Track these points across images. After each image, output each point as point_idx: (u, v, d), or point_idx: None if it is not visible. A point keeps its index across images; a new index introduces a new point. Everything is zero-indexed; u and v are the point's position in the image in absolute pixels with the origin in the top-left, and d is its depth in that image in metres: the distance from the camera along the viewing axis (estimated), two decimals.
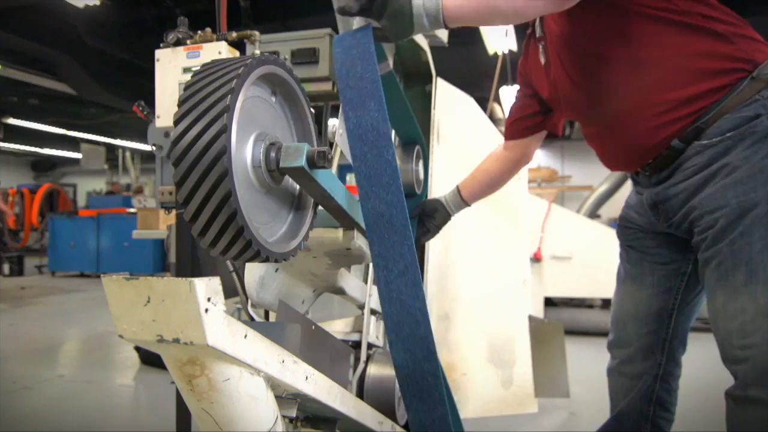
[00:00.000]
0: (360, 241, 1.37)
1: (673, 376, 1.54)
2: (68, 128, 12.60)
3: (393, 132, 1.86)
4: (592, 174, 10.27)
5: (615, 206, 6.94)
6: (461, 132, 2.23)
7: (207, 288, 0.77)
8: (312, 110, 1.14)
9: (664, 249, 1.44)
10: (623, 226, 1.54)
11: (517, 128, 1.64)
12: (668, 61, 1.23)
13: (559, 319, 3.65)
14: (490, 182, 1.73)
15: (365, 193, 1.16)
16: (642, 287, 1.50)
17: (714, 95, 1.19)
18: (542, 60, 1.50)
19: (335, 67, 1.19)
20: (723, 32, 1.21)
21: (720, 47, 1.20)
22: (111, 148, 14.35)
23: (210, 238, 0.89)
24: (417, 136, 1.82)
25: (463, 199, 1.68)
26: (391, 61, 1.59)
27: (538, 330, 2.52)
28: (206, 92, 0.88)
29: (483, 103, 4.26)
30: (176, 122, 0.87)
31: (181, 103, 0.88)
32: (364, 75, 1.16)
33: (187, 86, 0.90)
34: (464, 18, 1.16)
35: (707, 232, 1.21)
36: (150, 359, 3.69)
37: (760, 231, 1.15)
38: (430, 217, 1.67)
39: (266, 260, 0.98)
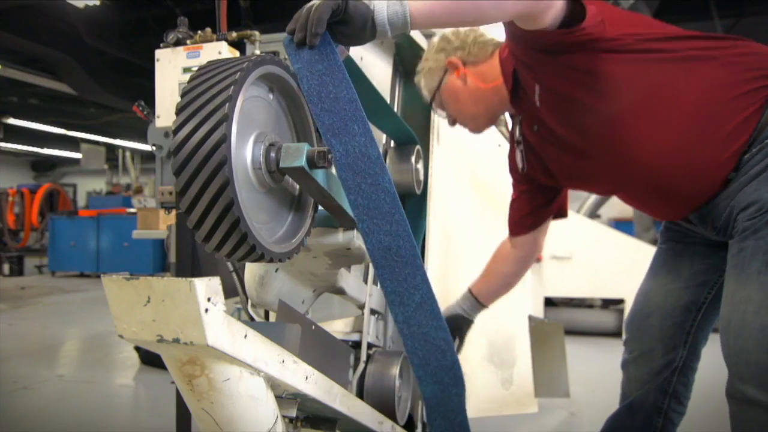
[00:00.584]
0: (360, 241, 1.37)
1: (691, 369, 1.52)
2: (68, 128, 12.60)
3: (384, 136, 1.86)
4: None
5: (615, 206, 6.95)
6: (461, 132, 2.23)
7: (207, 288, 0.77)
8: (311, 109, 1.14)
9: (710, 248, 1.41)
10: (670, 229, 1.51)
11: (523, 225, 1.59)
12: (699, 101, 1.18)
13: (559, 319, 3.65)
14: (505, 283, 1.71)
15: (367, 228, 1.08)
16: (676, 279, 1.47)
17: (755, 118, 1.16)
18: (519, 164, 1.51)
19: (301, 86, 1.04)
20: (727, 55, 1.20)
21: (736, 70, 1.19)
22: (111, 148, 14.34)
23: (215, 243, 0.89)
24: (413, 137, 1.82)
25: (481, 303, 1.68)
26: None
27: (538, 330, 2.52)
28: (206, 90, 0.88)
29: None
30: (176, 126, 0.87)
31: (182, 101, 0.88)
32: (339, 95, 1.03)
33: (189, 82, 0.90)
34: (433, 20, 1.08)
35: (739, 224, 1.19)
36: (150, 359, 3.69)
37: None
38: (458, 330, 1.65)
39: (266, 260, 0.98)
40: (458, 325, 1.65)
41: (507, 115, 1.62)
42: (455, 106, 1.46)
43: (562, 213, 1.62)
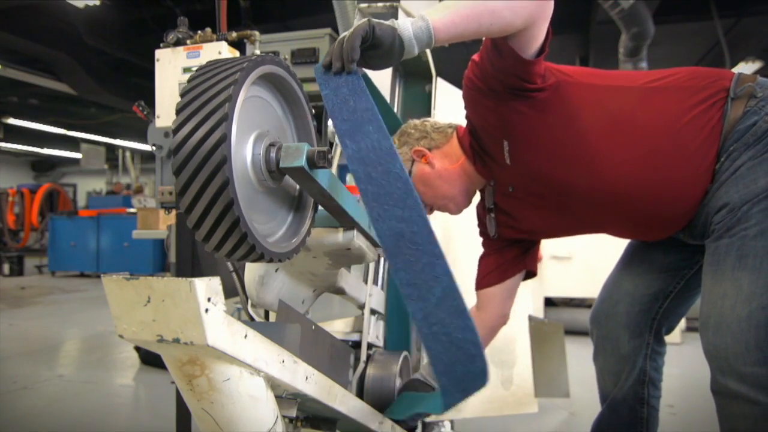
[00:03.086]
0: (360, 241, 1.37)
1: (659, 354, 1.57)
2: (68, 128, 12.60)
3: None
4: None
5: None
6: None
7: (207, 288, 0.77)
8: (312, 110, 1.14)
9: (684, 242, 1.45)
10: None
11: (492, 278, 1.56)
12: (658, 127, 1.25)
13: (559, 319, 3.65)
14: None
15: (377, 215, 1.01)
16: (650, 269, 1.51)
17: (716, 132, 1.22)
18: (491, 232, 1.53)
19: (327, 107, 1.08)
20: (675, 83, 1.27)
21: (685, 95, 1.25)
22: (111, 148, 14.35)
23: (215, 243, 0.89)
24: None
25: None
26: None
27: (538, 330, 2.52)
28: (207, 88, 0.88)
29: None
30: (176, 125, 0.87)
31: (181, 101, 0.88)
32: (357, 107, 1.06)
33: (190, 81, 0.90)
34: (456, 32, 1.12)
35: (713, 226, 1.24)
36: (150, 359, 3.69)
37: (757, 218, 1.17)
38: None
39: (266, 260, 0.98)
40: (414, 389, 1.56)
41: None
42: (430, 192, 1.47)
43: (531, 273, 1.61)
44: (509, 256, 1.55)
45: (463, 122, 1.49)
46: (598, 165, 1.27)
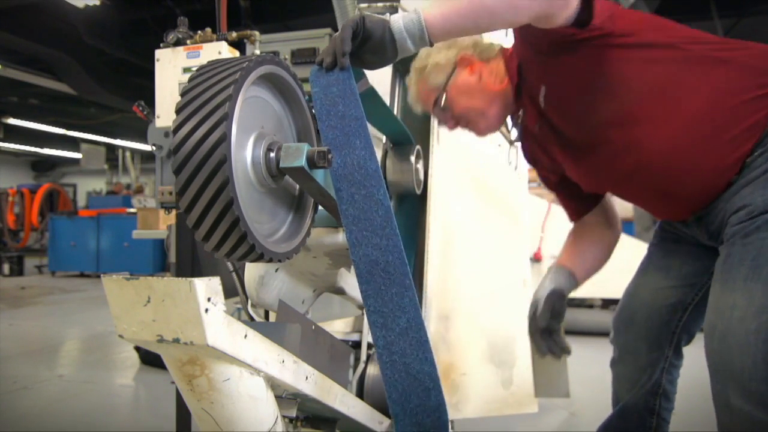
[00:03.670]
0: None
1: (675, 367, 1.54)
2: (68, 128, 12.61)
3: (384, 138, 1.86)
4: None
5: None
6: (461, 132, 2.23)
7: (207, 288, 0.77)
8: (312, 110, 1.14)
9: (701, 250, 1.40)
10: (665, 229, 1.51)
11: (582, 208, 1.55)
12: (705, 104, 1.17)
13: None
14: (598, 262, 1.61)
15: (355, 239, 1.02)
16: (666, 278, 1.47)
17: (763, 123, 1.15)
18: (528, 156, 1.52)
19: (315, 108, 1.08)
20: (741, 57, 1.19)
21: (749, 73, 1.17)
22: (111, 148, 14.36)
23: (214, 243, 0.89)
24: (407, 138, 1.82)
25: (578, 282, 1.57)
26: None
27: None
28: (207, 88, 0.88)
29: None
30: (176, 125, 0.87)
31: (181, 100, 0.88)
32: (346, 113, 1.06)
33: (190, 80, 0.90)
34: (450, 29, 1.09)
35: (729, 228, 1.18)
36: (150, 359, 3.69)
37: None
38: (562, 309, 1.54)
39: (266, 260, 0.98)
40: (562, 299, 1.52)
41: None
42: (466, 103, 1.40)
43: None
44: (575, 189, 1.50)
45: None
46: (634, 131, 1.21)
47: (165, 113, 1.71)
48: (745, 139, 1.15)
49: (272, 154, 0.98)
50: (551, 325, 1.46)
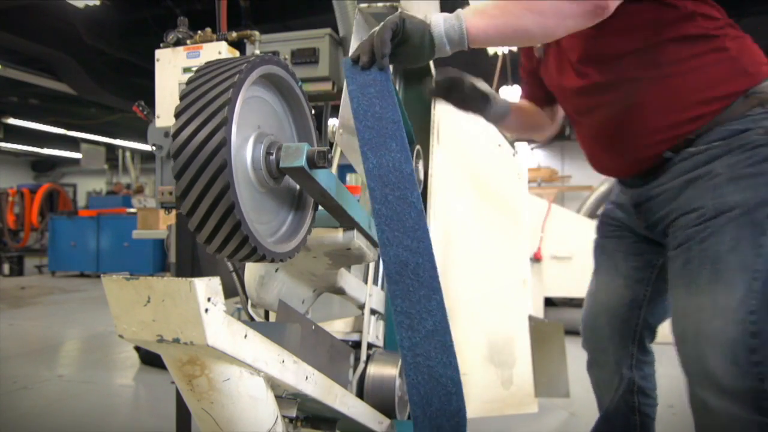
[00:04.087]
0: (360, 241, 1.37)
1: (645, 363, 1.57)
2: (68, 128, 12.61)
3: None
4: (592, 174, 10.23)
5: None
6: (461, 132, 2.24)
7: (207, 288, 0.77)
8: (312, 110, 1.14)
9: (641, 244, 1.46)
10: (605, 222, 1.57)
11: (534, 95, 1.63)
12: (678, 84, 1.23)
13: (559, 319, 3.65)
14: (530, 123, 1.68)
15: (386, 239, 1.03)
16: (616, 277, 1.52)
17: (713, 115, 1.22)
18: (537, 53, 1.52)
19: (351, 104, 1.10)
20: (731, 47, 1.23)
21: (727, 69, 1.22)
22: (111, 148, 14.35)
23: (216, 245, 0.89)
24: (408, 137, 1.82)
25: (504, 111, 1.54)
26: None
27: (538, 330, 2.52)
28: (207, 89, 0.88)
29: None
30: (176, 128, 0.87)
31: (180, 104, 0.88)
32: (384, 115, 1.07)
33: (189, 82, 0.90)
34: (488, 41, 1.11)
35: (680, 231, 1.23)
36: (150, 359, 3.69)
37: (732, 233, 1.15)
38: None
39: (266, 260, 0.98)
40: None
41: None
42: None
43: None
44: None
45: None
46: (626, 85, 1.27)
47: (165, 113, 1.71)
48: (699, 111, 1.21)
49: (272, 155, 0.98)
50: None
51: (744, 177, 1.17)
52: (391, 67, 1.51)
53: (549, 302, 4.44)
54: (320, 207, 1.20)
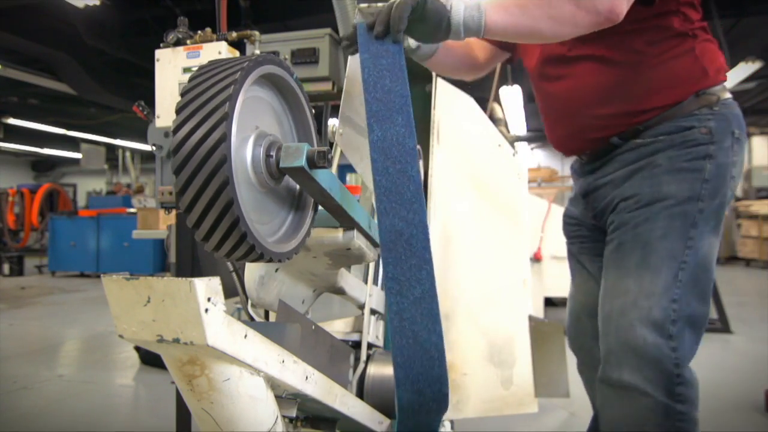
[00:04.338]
0: (360, 241, 1.37)
1: None
2: (68, 128, 12.60)
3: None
4: None
5: None
6: (461, 132, 2.23)
7: (207, 288, 0.77)
8: (312, 110, 1.14)
9: (599, 243, 1.47)
10: (565, 222, 1.62)
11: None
12: (644, 72, 1.27)
13: (559, 319, 3.64)
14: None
15: (383, 209, 1.06)
16: (588, 279, 1.56)
17: (663, 109, 1.27)
18: None
19: (362, 74, 1.10)
20: (697, 48, 1.28)
21: (688, 69, 1.27)
22: (111, 148, 14.35)
23: (214, 243, 0.89)
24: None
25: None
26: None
27: (538, 330, 2.52)
28: (207, 88, 0.88)
29: (483, 103, 4.25)
30: (176, 125, 0.87)
31: (181, 100, 0.88)
32: (393, 88, 1.09)
33: (189, 80, 0.90)
34: (502, 36, 1.14)
35: (617, 216, 1.29)
36: (150, 359, 3.69)
37: (664, 221, 1.21)
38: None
39: (266, 260, 0.98)
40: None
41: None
42: None
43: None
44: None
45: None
46: (603, 67, 1.30)
47: (165, 113, 1.71)
48: (648, 111, 1.26)
49: (272, 154, 0.98)
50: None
51: (681, 170, 1.23)
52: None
53: (549, 302, 4.45)
54: (320, 207, 1.20)
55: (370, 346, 1.72)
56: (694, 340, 1.21)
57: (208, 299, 0.77)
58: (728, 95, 1.31)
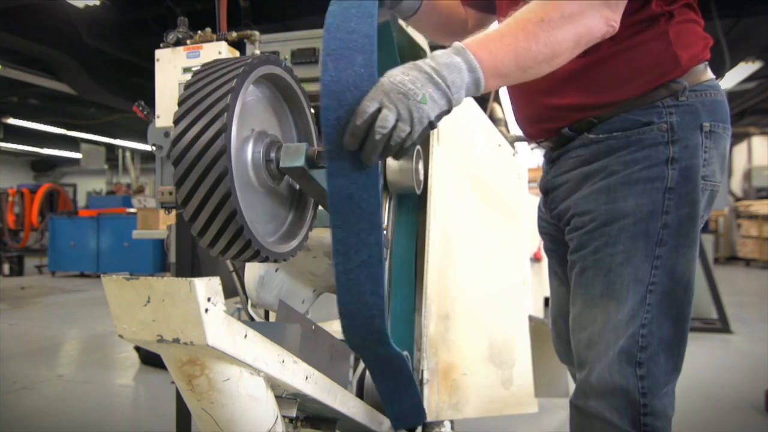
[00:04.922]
0: None
1: None
2: (68, 128, 12.60)
3: None
4: None
5: None
6: (461, 132, 2.23)
7: (207, 288, 0.77)
8: (312, 110, 1.14)
9: (562, 246, 1.38)
10: (538, 221, 1.53)
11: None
12: (594, 64, 1.14)
13: None
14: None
15: (333, 170, 0.93)
16: (560, 284, 1.50)
17: (621, 104, 1.14)
18: None
19: (325, 22, 0.95)
20: (667, 29, 1.13)
21: (655, 52, 1.13)
22: (111, 148, 14.35)
23: (209, 238, 0.90)
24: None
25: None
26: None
27: (538, 330, 2.52)
28: (206, 92, 0.88)
29: (483, 103, 4.26)
30: (176, 123, 0.87)
31: (181, 103, 0.88)
32: (357, 29, 0.93)
33: (188, 86, 0.90)
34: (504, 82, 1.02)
35: (574, 234, 1.19)
36: (150, 359, 3.69)
37: (625, 243, 1.11)
38: None
39: (266, 260, 0.98)
40: None
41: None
42: None
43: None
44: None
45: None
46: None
47: (165, 113, 1.71)
48: (609, 105, 1.14)
49: (272, 155, 0.98)
50: None
51: (639, 181, 1.10)
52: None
53: (549, 302, 4.45)
54: (320, 207, 1.20)
55: None
56: (672, 365, 1.15)
57: (208, 299, 0.77)
58: (705, 78, 1.16)
